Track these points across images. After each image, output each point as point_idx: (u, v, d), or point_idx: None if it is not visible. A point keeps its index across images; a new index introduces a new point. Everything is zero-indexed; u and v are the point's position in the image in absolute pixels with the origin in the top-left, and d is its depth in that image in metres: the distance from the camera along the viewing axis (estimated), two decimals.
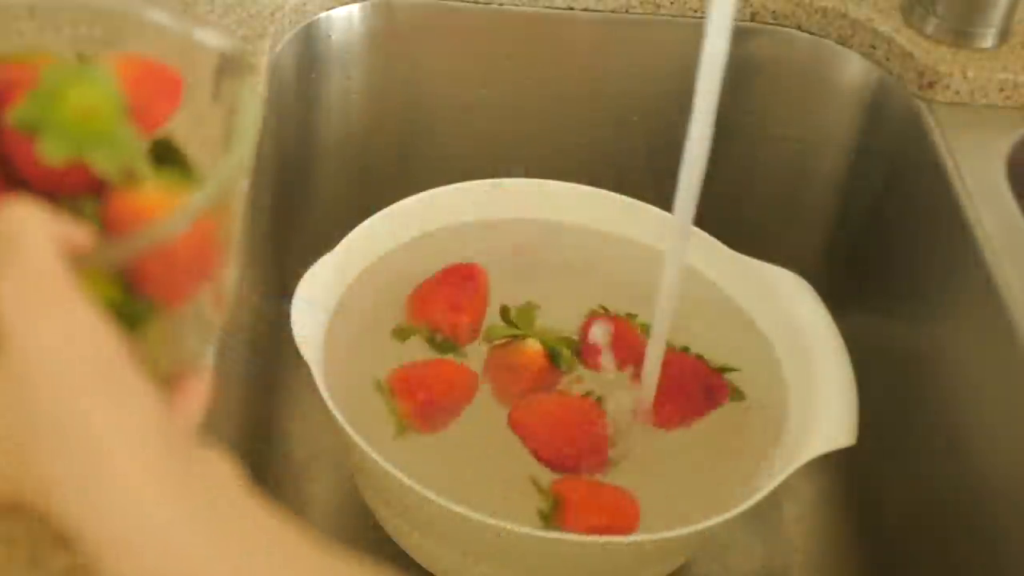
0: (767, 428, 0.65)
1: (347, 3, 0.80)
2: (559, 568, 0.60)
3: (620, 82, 0.85)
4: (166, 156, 0.38)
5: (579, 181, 0.75)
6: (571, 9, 0.82)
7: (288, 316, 0.62)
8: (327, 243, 0.68)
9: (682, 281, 0.60)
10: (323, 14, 0.80)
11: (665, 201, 0.58)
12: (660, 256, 0.60)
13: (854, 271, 0.84)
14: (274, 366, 0.77)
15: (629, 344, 0.67)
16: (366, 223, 0.70)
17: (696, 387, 0.66)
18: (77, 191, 0.36)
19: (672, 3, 0.81)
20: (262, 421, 0.74)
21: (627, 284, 0.71)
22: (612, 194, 0.75)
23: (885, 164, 0.80)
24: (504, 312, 0.68)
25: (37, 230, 0.32)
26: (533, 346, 0.67)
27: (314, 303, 0.65)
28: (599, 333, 0.67)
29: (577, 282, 0.73)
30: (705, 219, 0.60)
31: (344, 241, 0.68)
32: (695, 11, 0.81)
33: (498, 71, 0.85)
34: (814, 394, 0.64)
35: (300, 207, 0.85)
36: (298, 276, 0.64)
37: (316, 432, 0.78)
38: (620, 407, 0.65)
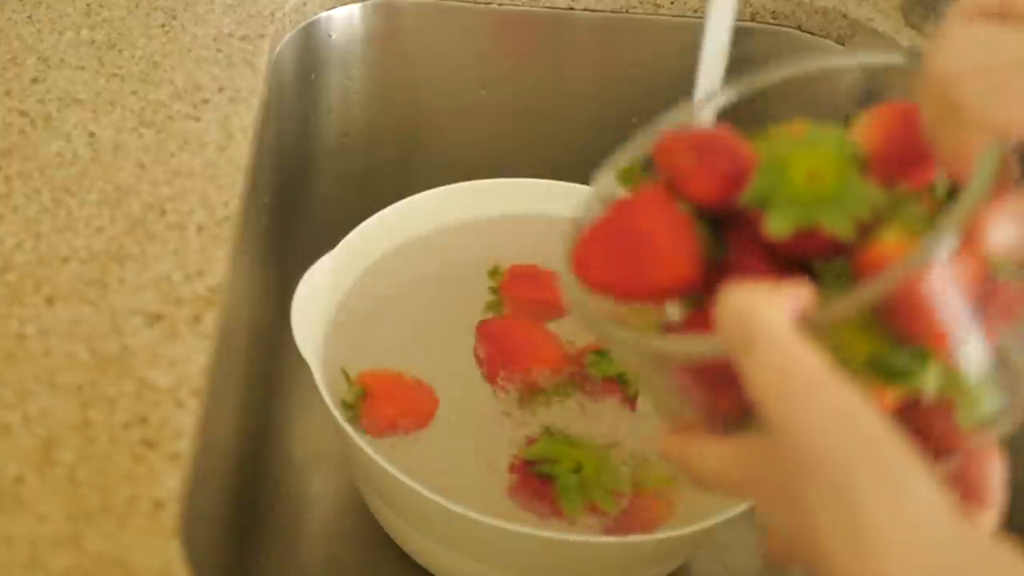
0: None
1: (347, 3, 0.80)
2: (558, 568, 0.60)
3: (620, 82, 0.85)
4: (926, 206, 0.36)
5: (579, 181, 0.75)
6: (571, 9, 0.82)
7: (288, 316, 0.62)
8: (327, 243, 0.68)
9: None
10: (323, 14, 0.80)
11: None
12: None
13: None
14: (274, 366, 0.77)
15: None
16: (366, 223, 0.70)
17: None
18: (823, 253, 0.35)
19: (672, 3, 0.81)
20: (262, 421, 0.74)
21: None
22: None
23: None
24: None
25: (766, 310, 0.32)
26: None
27: (314, 303, 0.65)
28: None
29: None
30: None
31: (344, 241, 0.68)
32: (695, 11, 0.81)
33: (498, 71, 0.85)
34: None
35: (300, 207, 0.85)
36: (298, 276, 0.64)
37: (316, 432, 0.78)
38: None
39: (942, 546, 0.30)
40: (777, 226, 0.35)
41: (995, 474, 0.36)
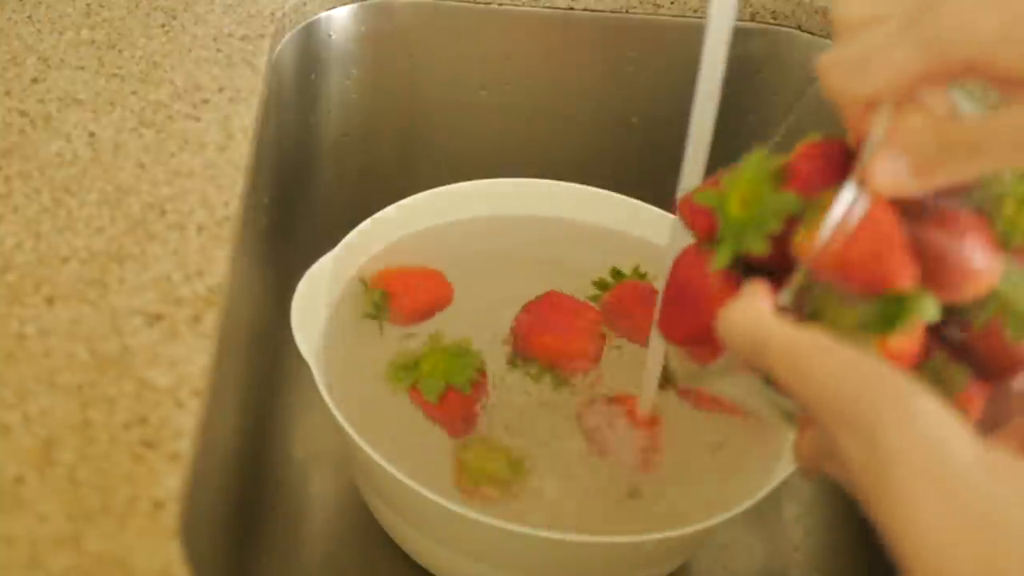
0: (767, 427, 0.65)
1: (347, 3, 0.80)
2: (559, 567, 0.60)
3: (620, 82, 0.85)
4: None
5: (579, 181, 0.75)
6: (571, 9, 0.82)
7: (288, 316, 0.62)
8: (327, 243, 0.68)
9: None
10: (323, 14, 0.80)
11: (665, 201, 0.58)
12: (660, 255, 0.59)
13: None
14: (274, 366, 0.77)
15: None
16: (366, 223, 0.70)
17: None
18: (786, 265, 0.37)
19: (672, 3, 0.81)
20: (262, 421, 0.74)
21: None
22: (612, 194, 0.75)
23: None
24: None
25: (757, 315, 0.36)
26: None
27: (314, 303, 0.65)
28: None
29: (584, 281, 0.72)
30: None
31: (344, 241, 0.68)
32: (695, 11, 0.81)
33: (498, 71, 0.85)
34: None
35: (300, 207, 0.85)
36: (298, 276, 0.64)
37: (316, 432, 0.78)
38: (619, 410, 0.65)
39: (959, 467, 0.31)
40: (717, 262, 0.38)
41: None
